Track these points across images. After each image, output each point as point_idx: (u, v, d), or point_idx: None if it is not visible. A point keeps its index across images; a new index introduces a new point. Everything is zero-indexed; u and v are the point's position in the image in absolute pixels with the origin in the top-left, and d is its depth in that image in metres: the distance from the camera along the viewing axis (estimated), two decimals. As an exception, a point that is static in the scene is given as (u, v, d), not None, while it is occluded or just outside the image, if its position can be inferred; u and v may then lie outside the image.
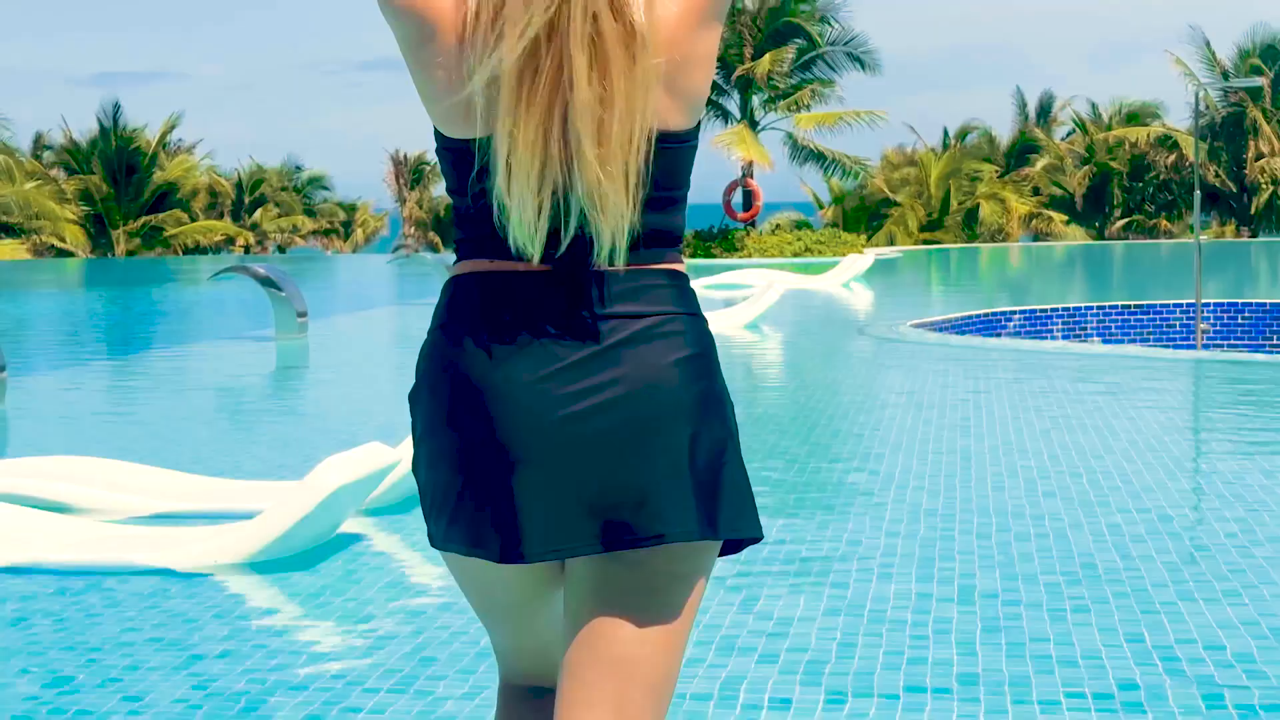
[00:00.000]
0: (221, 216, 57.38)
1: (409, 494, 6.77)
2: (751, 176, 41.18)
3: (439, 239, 58.48)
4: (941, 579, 5.62)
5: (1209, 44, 52.20)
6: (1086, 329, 20.50)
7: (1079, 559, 5.88)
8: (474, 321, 2.20)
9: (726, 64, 40.98)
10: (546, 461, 2.14)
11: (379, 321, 21.88)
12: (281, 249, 59.50)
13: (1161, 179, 55.01)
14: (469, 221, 2.22)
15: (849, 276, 27.42)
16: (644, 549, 2.19)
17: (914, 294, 27.31)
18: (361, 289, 30.94)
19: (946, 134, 56.25)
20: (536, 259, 2.14)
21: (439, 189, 58.53)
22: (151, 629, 5.13)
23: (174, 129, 53.83)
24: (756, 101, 41.90)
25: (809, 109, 41.51)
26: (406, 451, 6.36)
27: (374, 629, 5.12)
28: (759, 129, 41.84)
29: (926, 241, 50.23)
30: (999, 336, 19.05)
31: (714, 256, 38.63)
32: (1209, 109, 51.39)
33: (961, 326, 18.80)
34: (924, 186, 52.26)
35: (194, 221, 53.89)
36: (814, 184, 51.86)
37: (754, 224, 42.01)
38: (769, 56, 40.54)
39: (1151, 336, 20.55)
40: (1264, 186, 52.30)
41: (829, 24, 41.73)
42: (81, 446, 8.72)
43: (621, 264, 2.14)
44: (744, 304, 18.42)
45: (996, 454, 8.39)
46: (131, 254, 51.72)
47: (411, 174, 60.32)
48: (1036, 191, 54.84)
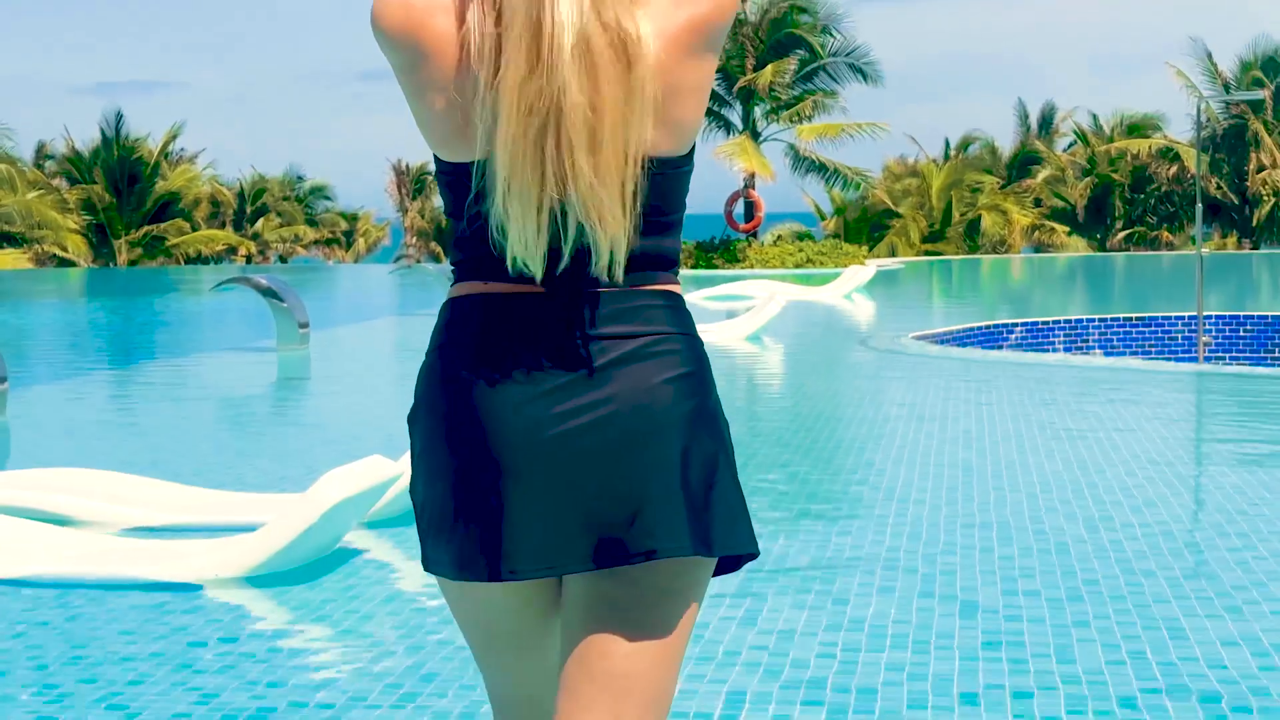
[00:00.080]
0: (223, 226, 57.42)
1: (410, 507, 6.75)
2: (753, 187, 41.23)
3: (441, 249, 58.51)
4: (943, 594, 5.61)
5: (1210, 56, 52.29)
6: (1088, 341, 20.50)
7: (1081, 574, 5.88)
8: (472, 343, 2.21)
9: (728, 75, 41.05)
10: (538, 479, 2.15)
11: (381, 332, 21.88)
12: (283, 259, 59.53)
13: (1163, 191, 55.07)
14: (466, 244, 2.23)
15: (851, 288, 27.44)
16: (637, 565, 2.19)
17: (916, 306, 27.31)
18: (363, 299, 30.97)
19: (948, 145, 56.36)
20: (539, 278, 2.14)
21: (440, 199, 58.52)
22: (152, 642, 5.13)
23: (176, 138, 53.89)
24: (758, 112, 41.97)
25: (811, 120, 41.58)
26: (407, 465, 6.34)
27: (375, 643, 5.11)
28: (761, 140, 41.89)
29: (928, 253, 50.26)
30: (1001, 349, 19.05)
31: (715, 267, 38.65)
32: (1210, 121, 51.43)
33: (963, 339, 18.80)
34: (926, 197, 52.30)
35: (196, 231, 53.92)
36: (816, 195, 51.97)
37: (755, 235, 42.06)
38: (771, 68, 40.61)
39: (1153, 349, 20.55)
40: (1265, 198, 52.35)
41: (831, 35, 41.83)
42: (82, 458, 8.73)
43: (620, 276, 2.14)
44: (746, 315, 18.43)
45: (998, 467, 8.39)
46: (133, 263, 51.75)
47: (413, 184, 60.44)
48: (1038, 203, 54.89)
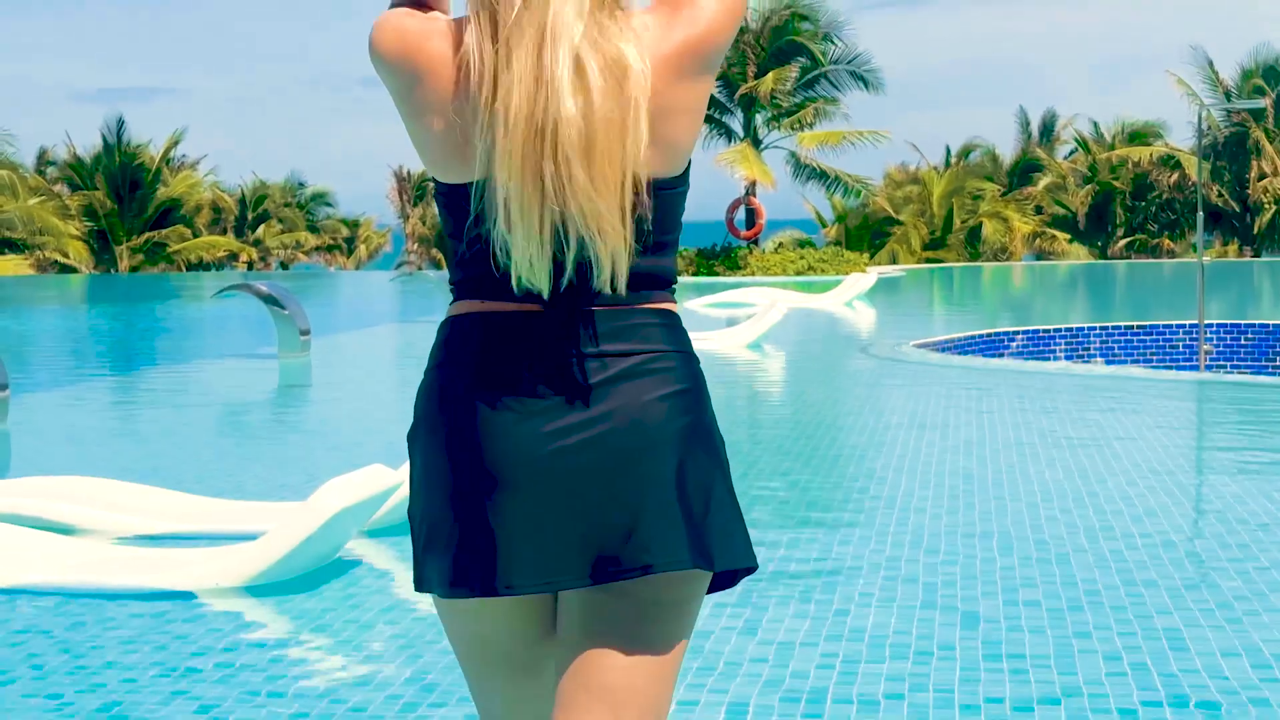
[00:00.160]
0: (225, 232, 57.47)
1: (411, 516, 6.75)
2: (754, 195, 41.24)
3: (442, 255, 58.52)
4: (944, 604, 5.61)
5: (1211, 64, 52.33)
6: (1089, 350, 20.49)
7: (1082, 584, 5.87)
8: (471, 361, 2.22)
9: (730, 82, 41.07)
10: (535, 495, 2.17)
11: (382, 339, 21.89)
12: (284, 265, 59.56)
13: (1164, 198, 55.10)
14: (466, 263, 2.24)
15: (852, 295, 27.45)
16: (633, 580, 2.20)
17: (917, 313, 27.31)
18: (364, 306, 30.98)
19: (949, 152, 56.37)
20: (546, 295, 2.15)
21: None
22: (151, 651, 5.13)
23: (177, 145, 53.97)
24: (760, 120, 41.98)
25: (812, 127, 41.57)
26: (408, 474, 6.35)
27: (375, 653, 5.11)
28: (762, 147, 41.90)
29: (929, 260, 50.27)
30: (1002, 357, 19.05)
31: (717, 275, 38.66)
32: (1212, 129, 51.45)
33: (964, 347, 18.81)
34: (927, 205, 52.33)
35: (197, 237, 53.98)
36: (817, 202, 51.97)
37: (757, 242, 42.06)
38: (772, 75, 40.62)
39: (1154, 357, 20.55)
40: (1267, 206, 52.37)
41: (832, 42, 41.82)
42: (83, 465, 8.73)
43: (623, 289, 2.15)
44: (747, 323, 18.43)
45: (999, 476, 8.38)
46: (135, 270, 51.78)
47: (415, 190, 60.40)
48: (1039, 210, 54.91)
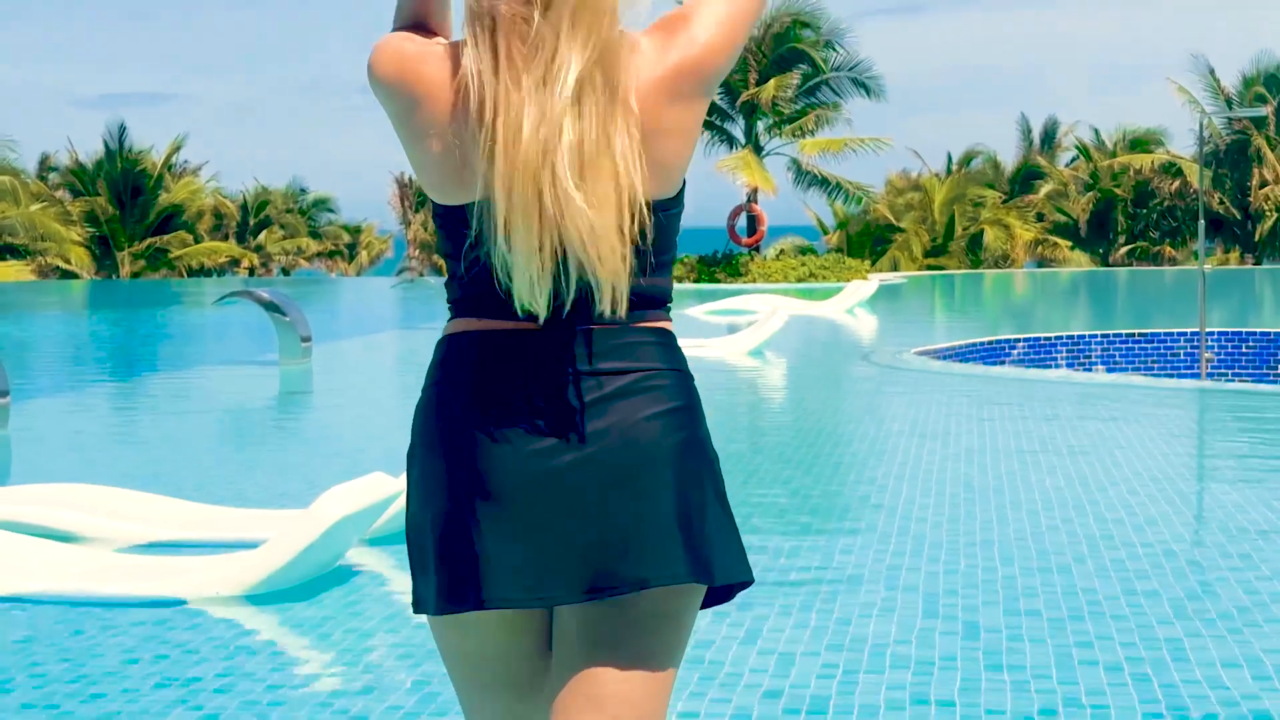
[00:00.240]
0: (226, 238, 57.48)
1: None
2: (755, 201, 41.24)
3: (443, 262, 58.52)
4: (945, 614, 5.60)
5: (1213, 72, 52.33)
6: (1090, 357, 20.49)
7: (1083, 594, 5.87)
8: (467, 380, 2.23)
9: (731, 89, 41.08)
10: (532, 511, 2.18)
11: (383, 346, 21.88)
12: (286, 271, 59.56)
13: (1165, 206, 55.09)
14: (464, 283, 2.25)
15: (853, 302, 27.44)
16: (629, 594, 2.22)
17: (918, 320, 27.30)
18: (366, 313, 30.98)
19: (950, 159, 56.37)
20: (544, 315, 2.16)
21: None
22: (152, 659, 5.12)
23: (179, 151, 53.98)
24: (761, 127, 42.00)
25: (813, 134, 41.58)
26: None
27: (375, 661, 5.10)
28: (763, 154, 41.91)
29: (931, 267, 50.26)
30: (1003, 364, 19.04)
31: (718, 281, 38.65)
32: (1213, 136, 51.46)
33: (965, 354, 18.80)
34: (928, 212, 52.31)
35: (199, 243, 53.99)
36: (818, 209, 51.98)
37: (758, 249, 42.06)
38: (774, 82, 40.64)
39: (1156, 365, 20.54)
40: (1268, 214, 52.35)
41: (833, 50, 41.85)
42: (84, 472, 8.72)
43: (624, 311, 2.17)
44: (748, 330, 18.42)
45: (1000, 484, 8.38)
46: (136, 276, 51.79)
47: (416, 196, 60.41)
48: (1040, 217, 54.89)
